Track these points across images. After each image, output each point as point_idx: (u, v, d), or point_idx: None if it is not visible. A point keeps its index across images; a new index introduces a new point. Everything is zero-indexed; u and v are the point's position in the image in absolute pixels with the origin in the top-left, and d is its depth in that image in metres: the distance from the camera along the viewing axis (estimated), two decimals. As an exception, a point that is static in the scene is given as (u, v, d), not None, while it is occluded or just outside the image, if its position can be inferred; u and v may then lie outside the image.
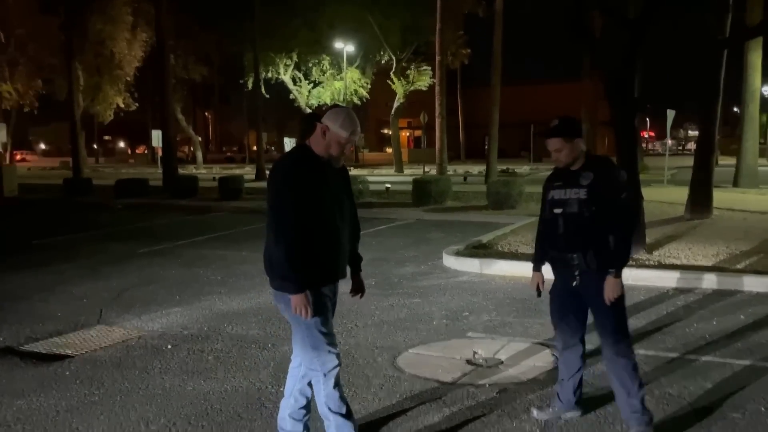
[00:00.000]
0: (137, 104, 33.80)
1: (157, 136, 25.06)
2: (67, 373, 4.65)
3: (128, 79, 31.98)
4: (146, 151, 63.82)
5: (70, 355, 5.03)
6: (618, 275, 3.33)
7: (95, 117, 35.00)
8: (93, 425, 3.77)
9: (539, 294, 3.69)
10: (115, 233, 12.44)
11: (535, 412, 3.71)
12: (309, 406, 3.30)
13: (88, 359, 4.94)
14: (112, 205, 17.50)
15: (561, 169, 3.53)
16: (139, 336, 5.52)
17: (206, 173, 33.43)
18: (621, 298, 3.40)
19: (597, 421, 3.67)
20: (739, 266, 7.56)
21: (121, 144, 77.63)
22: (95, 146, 63.93)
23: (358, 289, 3.43)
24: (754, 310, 6.02)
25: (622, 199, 3.36)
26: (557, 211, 3.45)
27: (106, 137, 73.25)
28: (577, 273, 3.41)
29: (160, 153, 28.25)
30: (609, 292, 3.33)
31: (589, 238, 3.35)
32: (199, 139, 49.52)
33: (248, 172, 32.26)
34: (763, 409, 3.80)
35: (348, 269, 3.34)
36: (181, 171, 25.18)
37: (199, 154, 45.52)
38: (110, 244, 10.83)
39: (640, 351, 4.85)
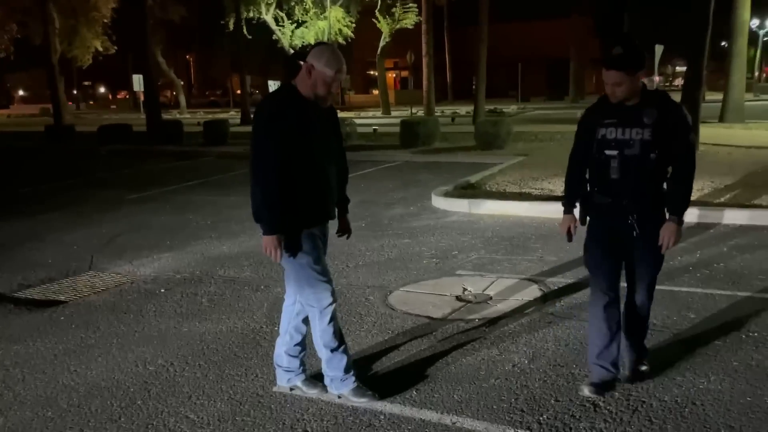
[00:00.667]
0: (116, 47, 32.89)
1: (138, 81, 24.58)
2: (62, 318, 4.70)
3: (105, 21, 31.02)
4: (128, 96, 62.47)
5: (64, 300, 5.08)
6: (681, 221, 3.06)
7: (73, 61, 34.08)
8: (91, 367, 3.84)
9: (570, 238, 3.41)
10: (101, 180, 12.34)
11: (586, 390, 3.26)
12: (304, 343, 3.38)
13: (82, 304, 4.99)
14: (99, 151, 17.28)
15: (612, 104, 3.07)
16: (132, 281, 5.57)
17: (190, 118, 32.89)
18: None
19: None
20: (722, 200, 7.67)
21: (102, 89, 75.88)
22: (75, 92, 62.49)
23: (344, 230, 3.45)
24: (736, 241, 6.15)
25: (689, 141, 3.02)
26: (611, 153, 3.04)
27: (86, 82, 71.48)
28: (632, 221, 3.09)
29: (142, 98, 27.64)
30: (668, 239, 3.04)
31: (651, 183, 3.05)
32: (182, 82, 48.49)
33: (233, 116, 31.77)
34: (743, 336, 3.94)
35: (336, 210, 3.36)
36: (164, 116, 24.76)
37: (182, 99, 44.66)
38: (98, 191, 10.76)
39: (624, 283, 4.97)
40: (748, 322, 4.14)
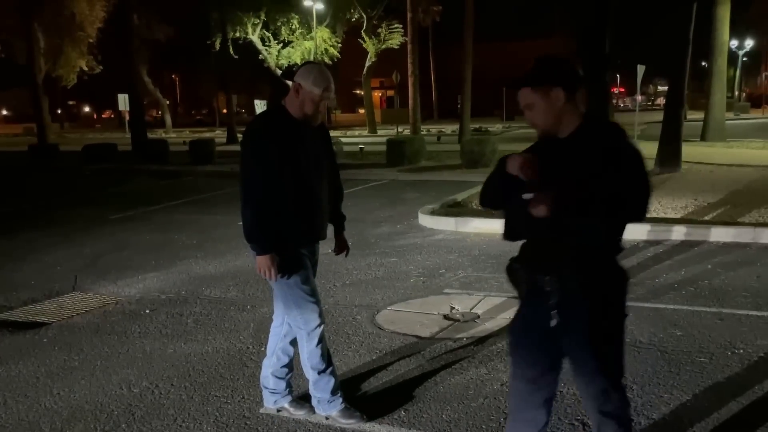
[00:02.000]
0: (101, 67, 32.78)
1: (123, 100, 24.48)
2: (45, 340, 4.63)
3: (91, 40, 30.91)
4: (113, 116, 62.27)
5: (47, 322, 5.00)
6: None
7: (58, 81, 33.92)
8: (74, 389, 3.77)
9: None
10: (85, 199, 12.24)
11: None
12: (291, 364, 3.34)
13: (65, 326, 4.91)
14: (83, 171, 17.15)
15: (545, 139, 2.28)
16: (116, 301, 5.50)
17: (176, 137, 32.81)
18: (616, 333, 2.33)
19: None
20: (706, 218, 7.75)
21: (87, 108, 75.56)
22: (59, 111, 62.16)
23: (341, 248, 3.44)
24: (720, 259, 6.21)
25: (640, 187, 2.10)
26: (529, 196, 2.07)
27: (71, 102, 71.19)
28: (553, 301, 2.34)
29: (127, 117, 27.54)
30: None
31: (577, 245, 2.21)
32: (167, 102, 48.44)
33: (219, 135, 31.77)
34: (729, 353, 3.96)
35: (332, 228, 3.35)
36: (150, 135, 24.69)
37: (168, 118, 44.62)
38: (81, 210, 10.66)
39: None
40: (734, 339, 4.17)
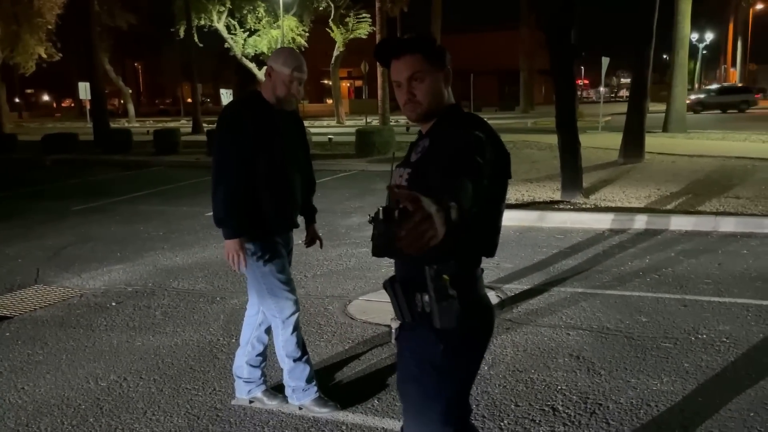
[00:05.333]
0: (61, 54, 31.90)
1: (84, 89, 23.85)
2: (7, 334, 4.50)
3: (50, 27, 30.06)
4: (73, 105, 60.63)
5: (9, 316, 4.86)
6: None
7: (16, 69, 32.89)
8: (39, 384, 3.68)
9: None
10: (46, 191, 11.92)
11: None
12: (266, 353, 3.32)
13: (28, 319, 4.79)
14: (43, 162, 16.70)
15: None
16: (81, 294, 5.38)
17: (139, 127, 32.17)
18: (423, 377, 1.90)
19: None
20: (668, 207, 7.93)
21: (46, 97, 73.49)
22: (17, 100, 60.32)
23: (312, 239, 3.42)
24: (682, 247, 6.37)
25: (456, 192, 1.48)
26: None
27: (29, 90, 69.12)
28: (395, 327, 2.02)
29: (88, 106, 26.85)
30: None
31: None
32: (130, 91, 47.35)
33: (184, 125, 31.23)
34: (692, 338, 4.07)
35: (302, 220, 3.32)
36: (112, 125, 24.13)
37: (131, 107, 43.64)
38: (42, 202, 10.38)
39: (578, 289, 5.10)
40: (697, 324, 4.29)
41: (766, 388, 3.36)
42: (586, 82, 69.45)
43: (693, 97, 36.09)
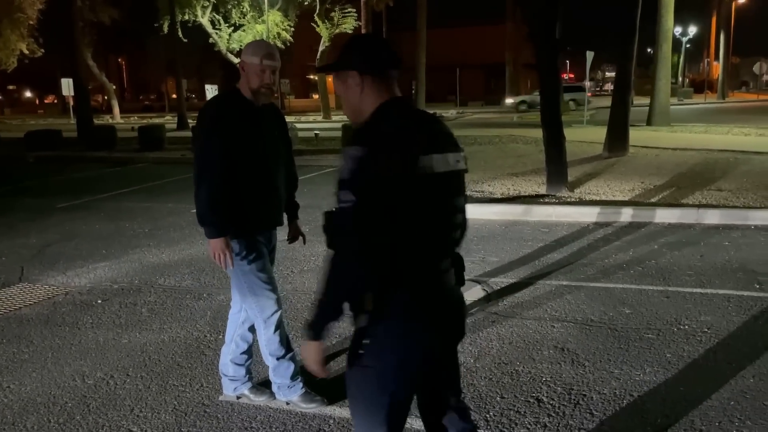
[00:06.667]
0: (43, 50, 31.51)
1: (67, 85, 23.65)
2: (-8, 333, 4.48)
3: (31, 22, 29.66)
4: (56, 101, 60.00)
5: (-7, 315, 4.83)
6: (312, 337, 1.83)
7: (-4, 65, 32.46)
8: (25, 382, 3.67)
9: None
10: (30, 188, 11.80)
11: None
12: (251, 351, 3.32)
13: (13, 318, 4.76)
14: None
15: None
16: (66, 292, 5.35)
17: (124, 123, 31.94)
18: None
19: None
20: (652, 200, 8.02)
21: (28, 93, 72.60)
22: (-1, 97, 59.65)
23: (295, 236, 3.41)
24: (666, 239, 6.45)
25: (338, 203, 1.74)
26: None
27: (11, 87, 68.26)
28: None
29: (72, 102, 26.58)
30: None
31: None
32: (114, 87, 46.92)
33: (169, 121, 31.02)
34: (675, 329, 4.13)
35: (285, 217, 3.32)
36: (96, 121, 23.93)
37: (115, 103, 43.19)
38: (26, 199, 10.28)
39: (563, 282, 5.15)
40: (679, 315, 4.35)
41: (746, 378, 3.42)
42: (572, 76, 69.81)
43: (518, 98, 37.06)
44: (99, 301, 5.09)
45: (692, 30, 46.02)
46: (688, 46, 47.23)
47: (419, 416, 2.12)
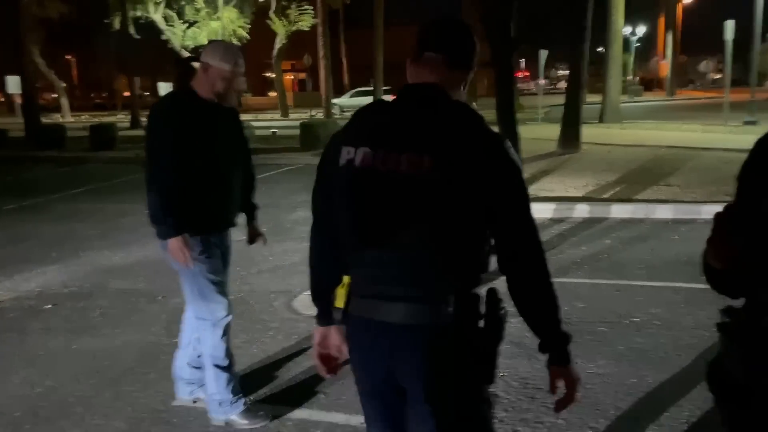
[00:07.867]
0: (-14, 47, 30.36)
1: (13, 82, 22.78)
2: (-67, 342, 4.30)
3: (-27, 17, 28.54)
4: (2, 99, 57.90)
5: (-65, 322, 4.64)
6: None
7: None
8: (-30, 393, 3.54)
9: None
10: (-27, 190, 11.36)
11: None
12: (207, 354, 3.26)
13: (-44, 326, 4.58)
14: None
15: None
16: (14, 297, 5.18)
17: (74, 122, 31.03)
18: None
19: None
20: (605, 195, 8.22)
21: (-29, 92, 69.86)
22: (-61, 95, 57.15)
23: (254, 237, 3.35)
24: (618, 234, 6.61)
25: None
26: None
27: (-48, 84, 65.59)
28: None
29: (18, 101, 25.68)
30: None
31: None
32: (64, 84, 45.52)
33: (121, 119, 30.26)
34: (626, 321, 4.24)
35: (243, 218, 3.26)
36: (45, 120, 23.20)
37: (65, 101, 41.91)
38: (-31, 202, 9.90)
39: None
40: (630, 308, 4.47)
41: (694, 367, 3.54)
42: (527, 74, 70.80)
43: (334, 100, 37.48)
44: (48, 306, 4.94)
45: (642, 30, 47.26)
46: (638, 45, 48.49)
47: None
